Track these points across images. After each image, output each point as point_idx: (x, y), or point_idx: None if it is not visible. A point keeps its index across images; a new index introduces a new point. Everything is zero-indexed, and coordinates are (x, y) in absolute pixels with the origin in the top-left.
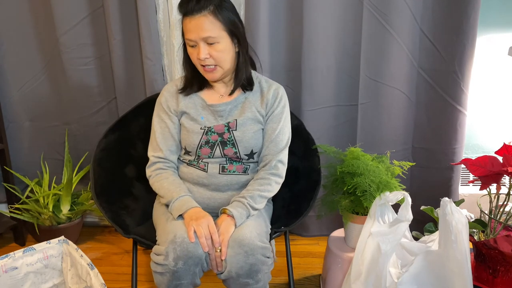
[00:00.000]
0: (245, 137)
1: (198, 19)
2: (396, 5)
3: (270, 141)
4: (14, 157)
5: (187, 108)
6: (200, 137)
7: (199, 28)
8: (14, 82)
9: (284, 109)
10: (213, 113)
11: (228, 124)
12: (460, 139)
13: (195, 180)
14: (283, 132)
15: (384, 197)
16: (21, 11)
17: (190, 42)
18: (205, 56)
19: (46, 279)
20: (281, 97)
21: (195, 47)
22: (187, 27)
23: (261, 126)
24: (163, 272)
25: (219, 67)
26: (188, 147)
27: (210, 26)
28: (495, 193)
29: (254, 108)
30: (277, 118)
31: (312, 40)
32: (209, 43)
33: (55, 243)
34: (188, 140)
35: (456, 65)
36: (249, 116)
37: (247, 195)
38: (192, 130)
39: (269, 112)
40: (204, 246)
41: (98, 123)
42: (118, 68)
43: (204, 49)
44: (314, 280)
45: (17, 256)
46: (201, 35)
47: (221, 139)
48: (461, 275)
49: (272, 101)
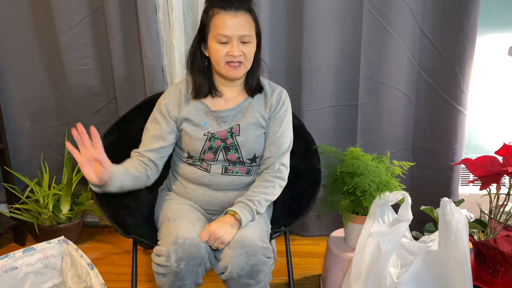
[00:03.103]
0: (248, 142)
1: (240, 17)
2: (396, 5)
3: (272, 144)
4: (14, 157)
5: (189, 114)
6: (203, 144)
7: (240, 25)
8: (14, 82)
9: (286, 112)
10: (216, 119)
11: (231, 129)
12: (460, 139)
13: (197, 180)
14: (285, 135)
15: (384, 197)
16: (21, 11)
17: (223, 39)
18: (238, 54)
19: (46, 279)
20: (284, 100)
21: (226, 44)
22: (226, 23)
23: (264, 130)
24: (165, 273)
25: (243, 66)
26: (191, 152)
27: (249, 26)
28: (495, 193)
29: (257, 113)
30: (279, 121)
31: (312, 40)
32: (244, 42)
33: (55, 243)
34: (191, 146)
35: (456, 65)
36: (251, 121)
37: (255, 200)
38: (195, 136)
39: (272, 115)
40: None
41: (98, 123)
42: (118, 68)
43: (238, 46)
44: (314, 280)
45: (17, 256)
46: (240, 33)
47: (224, 145)
48: (461, 275)
49: (275, 105)
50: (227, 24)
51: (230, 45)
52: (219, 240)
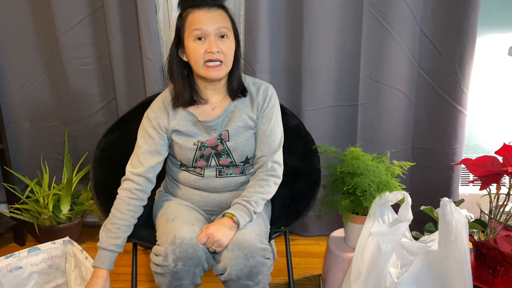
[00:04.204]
0: (239, 146)
1: (214, 12)
2: (396, 5)
3: (263, 143)
4: (14, 157)
5: (178, 126)
6: (194, 153)
7: (215, 19)
8: (14, 82)
9: (274, 109)
10: (205, 128)
11: (220, 136)
12: (460, 139)
13: (192, 184)
14: (274, 132)
15: (384, 197)
16: (21, 11)
17: (199, 33)
18: (217, 49)
19: (50, 279)
20: (270, 97)
21: (203, 41)
22: (200, 18)
23: (253, 131)
24: (163, 273)
25: (224, 65)
26: (183, 161)
27: (224, 20)
28: (495, 193)
29: (244, 115)
30: (267, 119)
31: (312, 40)
32: (221, 36)
33: (59, 244)
34: (183, 155)
35: (456, 65)
36: (240, 125)
37: (251, 200)
38: (185, 146)
39: (260, 114)
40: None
41: (98, 123)
42: (118, 68)
43: (215, 42)
44: (314, 280)
45: (21, 256)
46: (215, 25)
47: (216, 151)
48: (461, 275)
49: (262, 103)
50: (201, 18)
51: (208, 41)
52: (217, 243)
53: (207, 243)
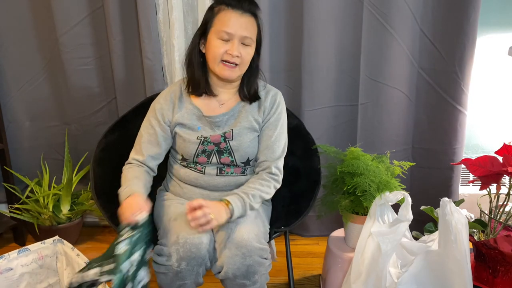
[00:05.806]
0: (242, 146)
1: (247, 18)
2: (396, 5)
3: (267, 148)
4: (14, 157)
5: (183, 119)
6: (197, 147)
7: (244, 26)
8: (14, 82)
9: (281, 116)
10: (210, 124)
11: (224, 134)
12: (460, 139)
13: (192, 181)
14: (279, 138)
15: (384, 197)
16: (21, 11)
17: (226, 36)
18: (237, 54)
19: (41, 279)
20: (278, 104)
21: (226, 41)
22: (231, 20)
23: (257, 133)
24: (166, 273)
25: (238, 69)
26: (185, 155)
27: (252, 29)
28: (495, 193)
29: (250, 117)
30: (273, 125)
31: (312, 40)
32: (244, 44)
33: (49, 243)
34: (185, 149)
35: (456, 65)
36: (245, 126)
37: (249, 193)
38: (188, 140)
39: (266, 119)
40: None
41: (98, 123)
42: (118, 68)
43: (238, 46)
44: (314, 280)
45: (11, 257)
46: (243, 34)
47: (218, 149)
48: (461, 275)
49: (269, 108)
50: (232, 21)
51: (231, 44)
52: (205, 218)
53: (197, 212)
